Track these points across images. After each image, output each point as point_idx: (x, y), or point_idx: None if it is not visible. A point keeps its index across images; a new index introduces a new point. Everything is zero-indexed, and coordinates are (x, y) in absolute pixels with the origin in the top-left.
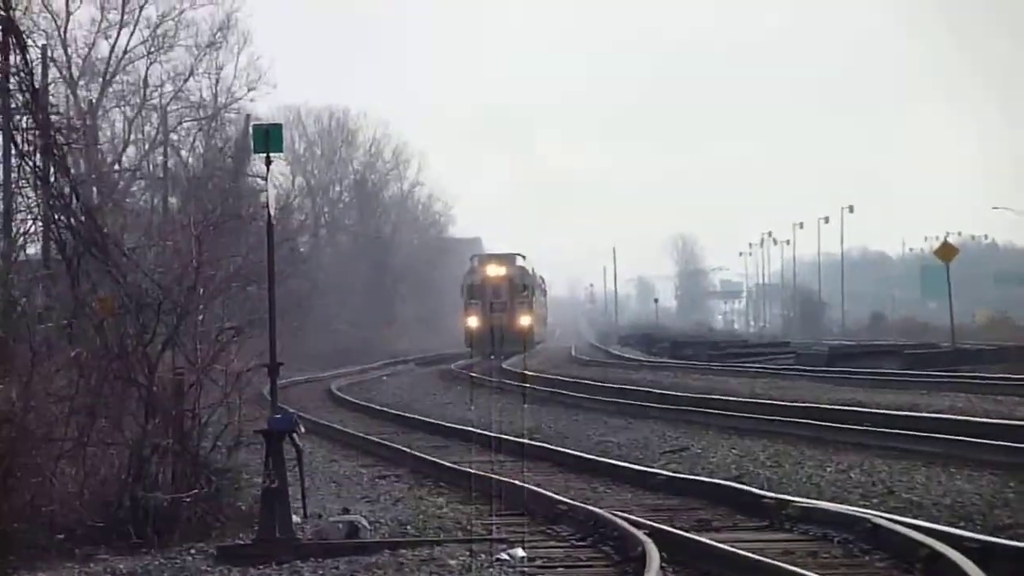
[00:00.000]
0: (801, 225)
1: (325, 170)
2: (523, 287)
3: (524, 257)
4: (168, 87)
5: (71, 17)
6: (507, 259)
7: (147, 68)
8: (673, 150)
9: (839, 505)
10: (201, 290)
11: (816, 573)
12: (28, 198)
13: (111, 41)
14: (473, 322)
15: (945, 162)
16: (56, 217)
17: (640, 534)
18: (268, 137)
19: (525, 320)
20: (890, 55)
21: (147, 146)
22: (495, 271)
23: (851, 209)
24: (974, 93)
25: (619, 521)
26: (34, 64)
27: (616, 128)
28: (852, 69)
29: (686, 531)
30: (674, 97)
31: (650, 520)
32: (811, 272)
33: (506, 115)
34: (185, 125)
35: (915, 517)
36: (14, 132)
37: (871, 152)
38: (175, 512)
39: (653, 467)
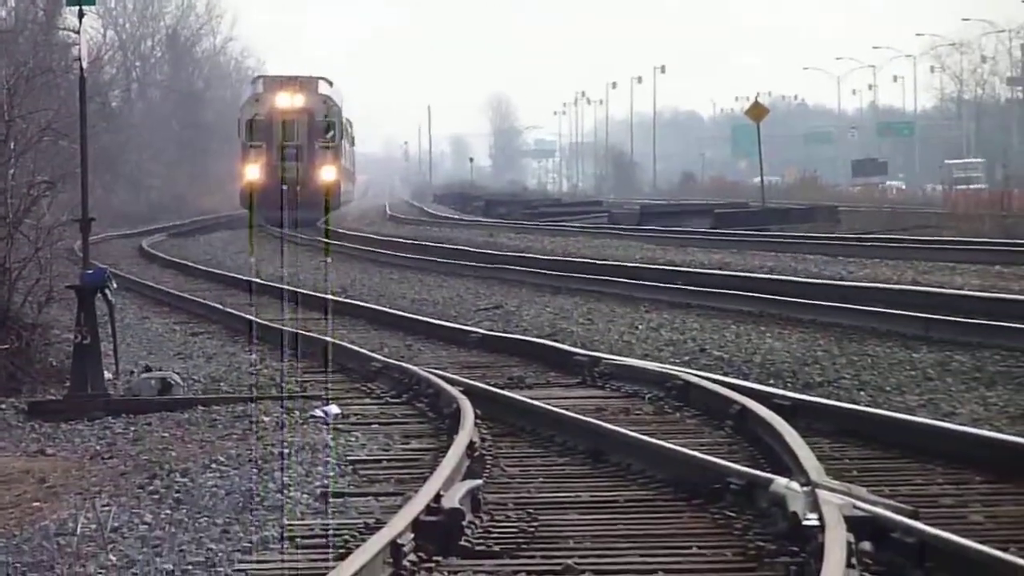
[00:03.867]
0: (614, 85)
1: (137, 24)
2: (328, 127)
3: (331, 84)
4: None
5: None
6: (307, 84)
7: None
8: (491, 8)
9: (651, 363)
10: (12, 143)
11: (627, 429)
12: None
13: None
14: (254, 174)
15: (759, 24)
16: None
17: (454, 391)
18: None
19: (329, 173)
20: None
21: None
22: (288, 101)
23: (663, 69)
24: None
25: (433, 378)
26: None
27: None
28: None
29: (500, 388)
30: None
31: (465, 377)
32: (624, 132)
33: None
34: None
35: (726, 375)
36: None
37: (683, 14)
38: None
39: (467, 325)
